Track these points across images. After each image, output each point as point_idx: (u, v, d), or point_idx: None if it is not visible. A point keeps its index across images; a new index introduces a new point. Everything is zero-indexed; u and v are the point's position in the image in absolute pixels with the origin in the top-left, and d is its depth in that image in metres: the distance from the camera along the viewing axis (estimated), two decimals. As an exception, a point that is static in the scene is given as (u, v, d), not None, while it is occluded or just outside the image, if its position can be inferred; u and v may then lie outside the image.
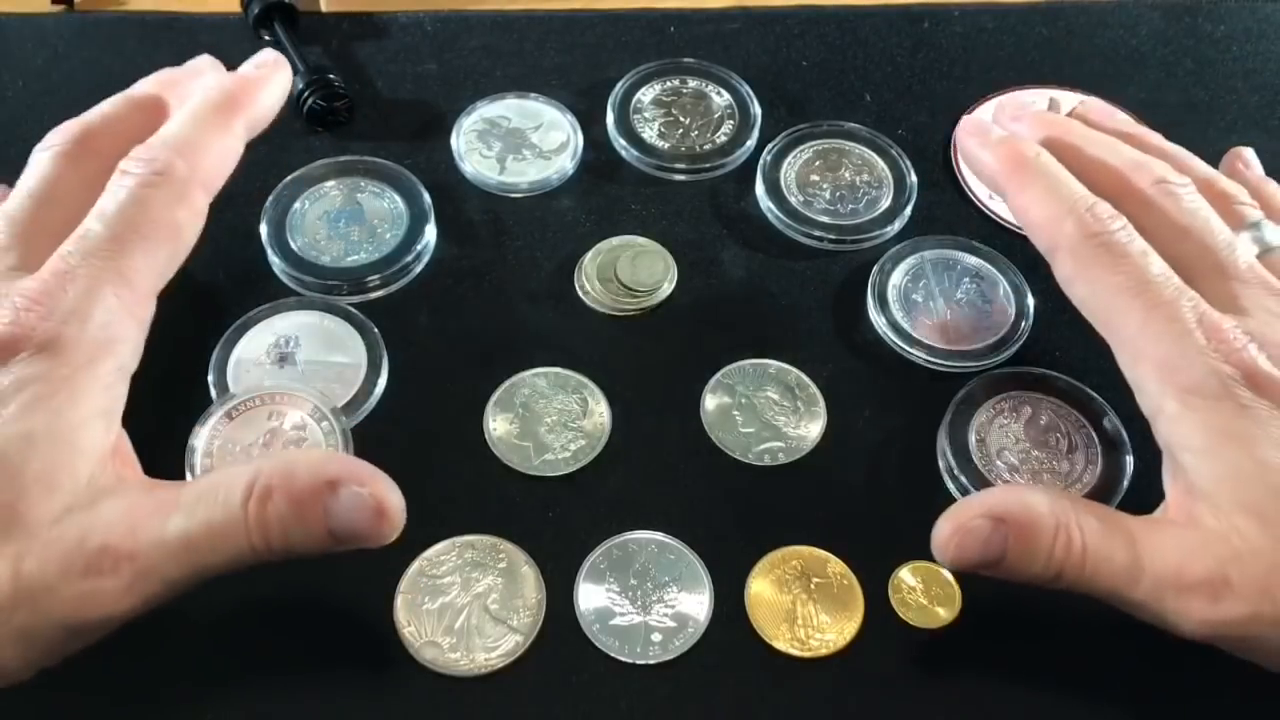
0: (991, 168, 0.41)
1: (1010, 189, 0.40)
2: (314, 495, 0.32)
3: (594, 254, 0.45)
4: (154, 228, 0.35)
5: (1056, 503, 0.34)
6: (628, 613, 0.37)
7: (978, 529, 0.34)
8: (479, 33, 0.53)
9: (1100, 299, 0.36)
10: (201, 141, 0.38)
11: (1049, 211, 0.38)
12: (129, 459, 0.35)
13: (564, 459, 0.40)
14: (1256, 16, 0.56)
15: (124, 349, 0.34)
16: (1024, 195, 0.39)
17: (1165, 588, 0.32)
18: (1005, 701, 0.37)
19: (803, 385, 0.43)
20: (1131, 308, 0.35)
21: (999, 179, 0.40)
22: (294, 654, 0.37)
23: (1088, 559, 0.33)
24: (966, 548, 0.34)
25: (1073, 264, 0.37)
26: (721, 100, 0.51)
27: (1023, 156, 0.40)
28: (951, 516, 0.35)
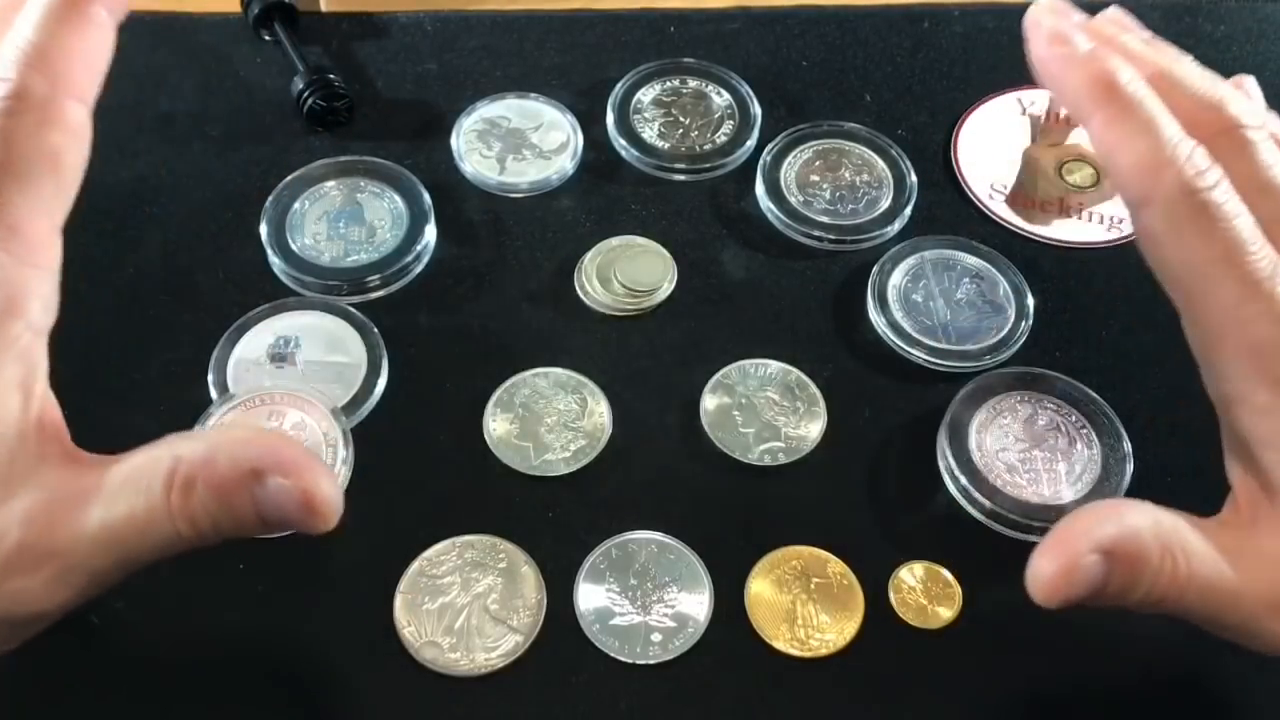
0: (1077, 91, 0.34)
1: (1099, 119, 0.34)
2: (238, 485, 0.29)
3: (594, 254, 0.45)
4: (26, 162, 0.30)
5: (1160, 525, 0.30)
6: (628, 613, 0.37)
7: (1090, 568, 0.29)
8: (479, 33, 0.53)
9: (1190, 266, 0.32)
10: (56, 44, 0.31)
11: (1145, 156, 0.32)
12: (55, 431, 0.31)
13: (564, 459, 0.40)
14: (1256, 16, 0.56)
15: (30, 306, 0.30)
16: (1114, 130, 0.33)
17: (1262, 609, 0.30)
18: (1005, 701, 0.37)
19: (803, 385, 0.43)
20: (1225, 282, 0.31)
21: (1085, 106, 0.34)
22: (294, 654, 0.37)
23: (1191, 585, 0.30)
24: (1077, 588, 0.29)
25: (1165, 222, 0.32)
26: (721, 100, 0.51)
27: (1115, 83, 0.34)
28: (1056, 550, 0.30)
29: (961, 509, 0.40)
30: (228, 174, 0.48)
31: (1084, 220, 0.48)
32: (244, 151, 0.48)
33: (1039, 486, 0.40)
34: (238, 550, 0.38)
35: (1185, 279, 0.32)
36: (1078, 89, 0.34)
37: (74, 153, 0.32)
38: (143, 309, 0.43)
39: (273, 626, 0.37)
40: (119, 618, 0.37)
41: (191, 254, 0.45)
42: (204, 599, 0.37)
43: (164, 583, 0.37)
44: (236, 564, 0.38)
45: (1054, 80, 0.36)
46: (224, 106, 0.50)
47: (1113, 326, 0.45)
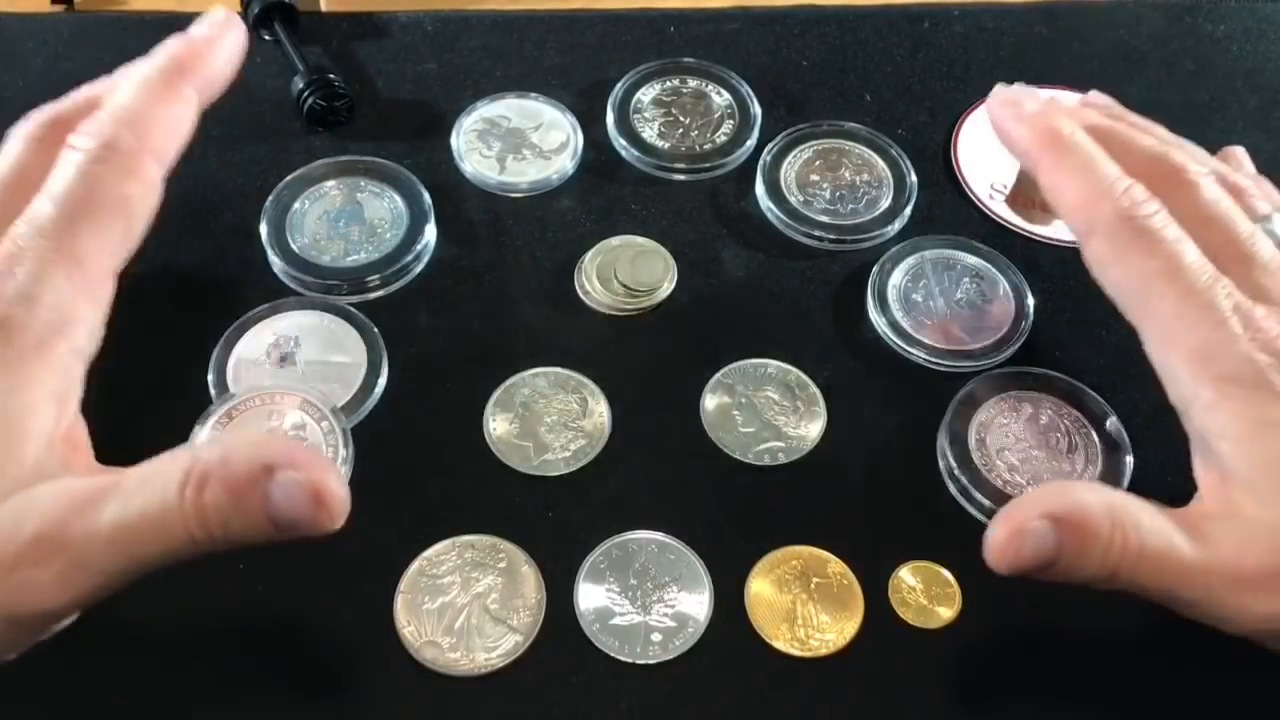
0: (1025, 142, 0.39)
1: (1044, 165, 0.38)
2: (251, 482, 0.30)
3: (594, 254, 0.45)
4: (103, 204, 0.34)
5: (1111, 501, 0.32)
6: (628, 612, 0.37)
7: (1037, 531, 0.32)
8: (479, 33, 0.53)
9: (1134, 284, 0.35)
10: (148, 110, 0.36)
11: (1085, 191, 0.36)
12: (80, 446, 0.33)
13: (564, 459, 0.40)
14: (1256, 16, 0.56)
15: (78, 331, 0.33)
16: (1058, 173, 0.38)
17: (1220, 584, 0.32)
18: (1005, 701, 0.37)
19: (803, 385, 0.43)
20: (1166, 294, 0.34)
21: (1032, 154, 0.39)
22: (294, 653, 0.37)
23: (1143, 559, 0.32)
24: (1024, 552, 0.32)
25: (1108, 247, 0.36)
26: (721, 100, 0.51)
27: (1058, 133, 0.38)
28: (1006, 519, 0.32)
29: (961, 509, 0.40)
30: (228, 174, 0.48)
31: (1084, 220, 0.48)
32: (244, 151, 0.48)
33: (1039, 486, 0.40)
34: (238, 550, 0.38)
35: (1131, 296, 0.36)
36: (1026, 141, 0.39)
37: (144, 204, 0.35)
38: (143, 309, 0.43)
39: (273, 626, 0.37)
40: (119, 618, 0.37)
41: (191, 254, 0.45)
42: (204, 599, 0.37)
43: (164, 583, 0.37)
44: (237, 564, 0.38)
45: (1006, 137, 0.40)
46: (224, 106, 0.49)
47: (1113, 326, 0.45)
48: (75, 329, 0.33)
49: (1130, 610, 0.38)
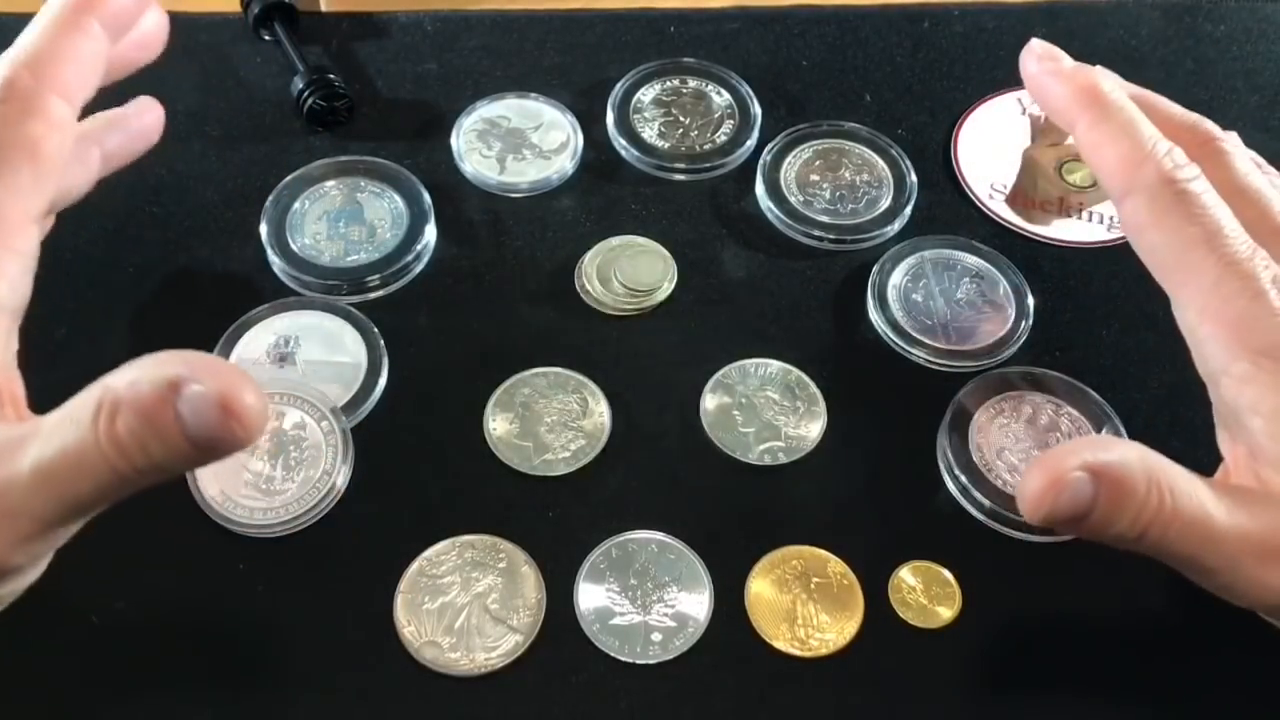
0: (1063, 98, 0.37)
1: (1084, 122, 0.36)
2: (160, 402, 0.27)
3: (594, 254, 0.45)
4: (4, 149, 0.32)
5: (1148, 460, 0.31)
6: (628, 612, 0.37)
7: (1075, 483, 0.30)
8: (479, 32, 0.53)
9: (1172, 249, 0.34)
10: (48, 48, 0.34)
11: (1127, 152, 0.35)
12: (10, 399, 0.32)
13: (564, 459, 0.40)
14: (1256, 16, 0.56)
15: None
16: (1098, 131, 0.36)
17: (1246, 555, 0.31)
18: (1005, 701, 0.37)
19: (803, 385, 0.43)
20: (1205, 262, 0.33)
21: (1071, 111, 0.37)
22: (293, 653, 0.37)
23: (1175, 521, 0.31)
24: (1061, 503, 0.30)
25: (1148, 210, 0.34)
26: (721, 100, 0.51)
27: (1099, 90, 0.37)
28: (1044, 468, 0.31)
29: (961, 509, 0.40)
30: (228, 174, 0.48)
31: (1084, 220, 0.48)
32: (244, 151, 0.48)
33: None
34: (238, 550, 0.38)
35: (1169, 262, 0.34)
36: (1064, 97, 0.37)
37: (53, 144, 0.34)
38: (143, 309, 0.43)
39: (272, 626, 0.37)
40: (119, 617, 0.37)
41: (191, 254, 0.45)
42: (204, 598, 0.37)
43: (163, 582, 0.37)
44: (236, 563, 0.38)
45: (1043, 92, 0.38)
46: (224, 106, 0.50)
47: (1113, 326, 0.45)
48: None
49: (1130, 610, 0.38)
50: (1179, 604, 0.38)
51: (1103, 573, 0.38)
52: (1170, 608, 0.38)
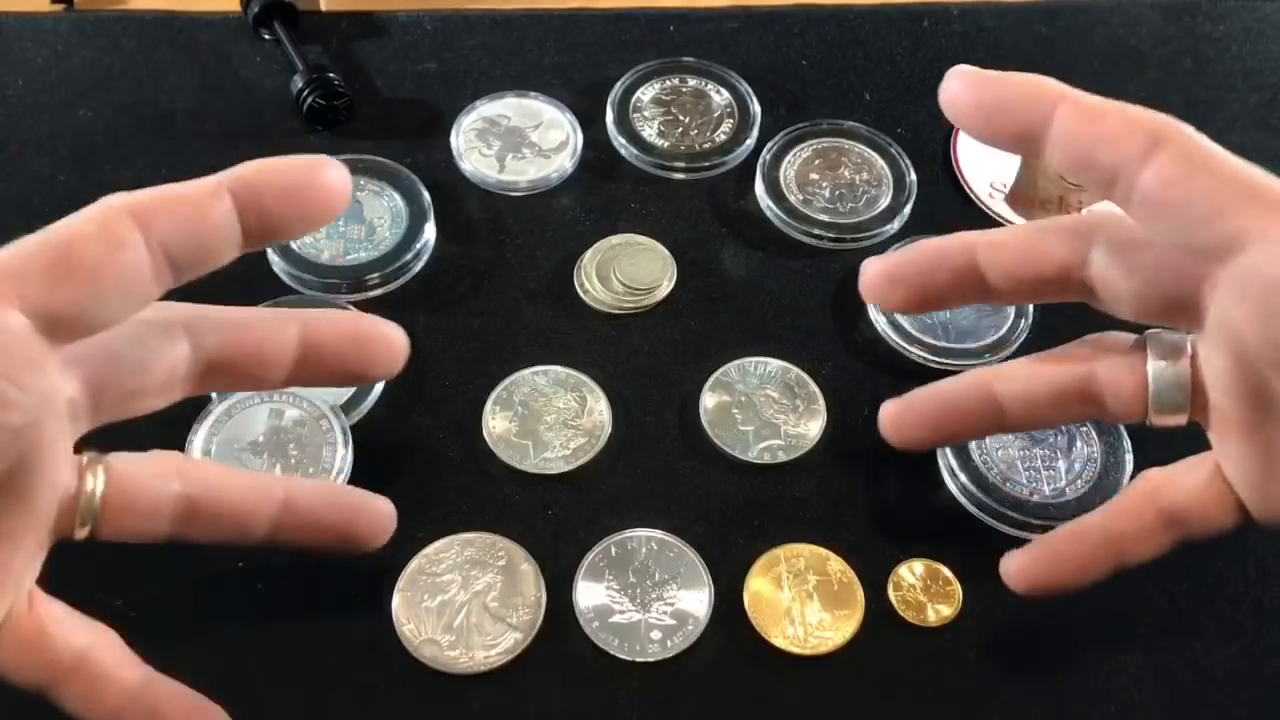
0: (1024, 94, 0.32)
1: (1067, 104, 0.32)
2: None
3: (593, 252, 0.45)
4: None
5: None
6: (627, 610, 0.37)
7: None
8: (479, 31, 0.53)
9: (1232, 186, 0.30)
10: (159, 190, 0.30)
11: (1132, 112, 0.31)
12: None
13: (563, 457, 0.40)
14: (1256, 16, 0.56)
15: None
16: (1090, 105, 0.32)
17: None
18: (1005, 700, 0.37)
19: (802, 383, 0.43)
20: (1263, 199, 0.30)
21: (1044, 101, 0.32)
22: (293, 652, 0.37)
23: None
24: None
25: (1186, 156, 0.30)
26: (721, 99, 0.51)
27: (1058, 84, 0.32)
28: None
29: (961, 507, 0.40)
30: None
31: (1084, 219, 0.48)
32: (244, 150, 0.48)
33: (1039, 485, 0.40)
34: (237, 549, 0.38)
35: (1230, 199, 0.30)
36: (1023, 89, 0.32)
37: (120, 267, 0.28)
38: (142, 307, 0.43)
39: (272, 625, 0.37)
40: (119, 617, 0.37)
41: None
42: (203, 597, 0.37)
43: (163, 582, 0.37)
44: (235, 562, 0.38)
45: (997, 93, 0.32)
46: (224, 106, 0.50)
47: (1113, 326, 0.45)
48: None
49: (1130, 609, 0.38)
50: (1179, 603, 0.38)
51: (1102, 571, 0.38)
52: (1170, 607, 0.38)
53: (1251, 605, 0.38)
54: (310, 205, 0.31)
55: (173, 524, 0.32)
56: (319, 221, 0.31)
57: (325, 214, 0.31)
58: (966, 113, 0.33)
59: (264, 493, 0.33)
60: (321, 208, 0.31)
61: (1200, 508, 0.33)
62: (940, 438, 0.37)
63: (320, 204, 0.31)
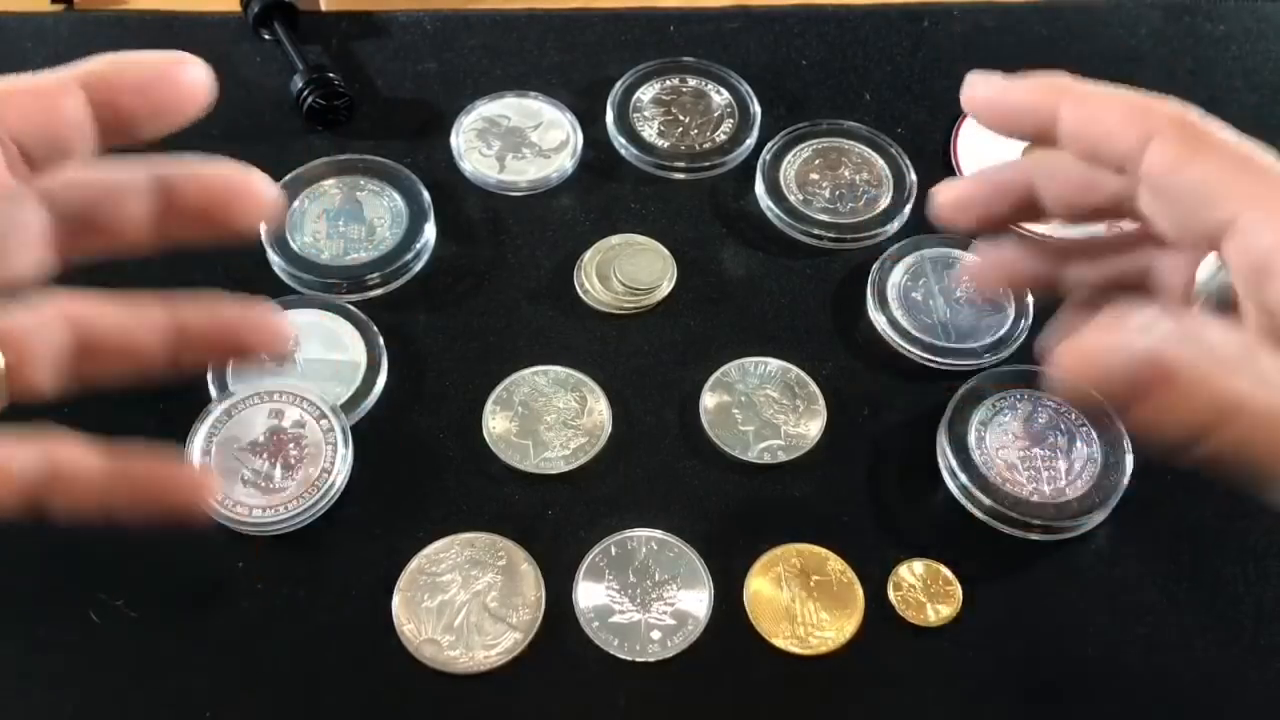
0: (1032, 93, 0.34)
1: (1067, 104, 0.33)
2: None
3: (593, 252, 0.45)
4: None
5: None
6: (627, 610, 0.37)
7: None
8: (479, 32, 0.53)
9: (1224, 174, 0.31)
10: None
11: (1127, 107, 0.32)
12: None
13: (563, 457, 0.40)
14: (1256, 16, 0.56)
15: None
16: (1088, 105, 0.33)
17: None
18: (1005, 700, 0.37)
19: (802, 383, 0.43)
20: (1271, 171, 0.31)
21: (1044, 103, 0.33)
22: (292, 652, 0.37)
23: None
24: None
25: (1178, 146, 0.31)
26: (721, 99, 0.51)
27: (1061, 79, 0.34)
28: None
29: (961, 507, 0.40)
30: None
31: (1084, 219, 0.48)
32: (244, 150, 0.48)
33: (1039, 484, 0.40)
34: (237, 548, 0.38)
35: (1222, 189, 0.31)
36: (1030, 93, 0.34)
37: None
38: (142, 307, 0.43)
39: (272, 624, 0.37)
40: (119, 617, 0.37)
41: (191, 253, 0.45)
42: (203, 597, 0.37)
43: (163, 581, 0.37)
44: (236, 561, 0.38)
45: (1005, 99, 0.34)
46: (224, 106, 0.49)
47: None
48: None
49: (1129, 608, 0.38)
50: (1179, 603, 0.38)
51: (1102, 571, 0.38)
52: (1170, 607, 0.38)
53: (1252, 605, 0.38)
54: (166, 101, 0.30)
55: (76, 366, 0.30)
56: (174, 119, 0.30)
57: (182, 111, 0.30)
58: (985, 118, 0.35)
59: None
60: (178, 104, 0.30)
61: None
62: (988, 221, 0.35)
63: (176, 100, 0.30)
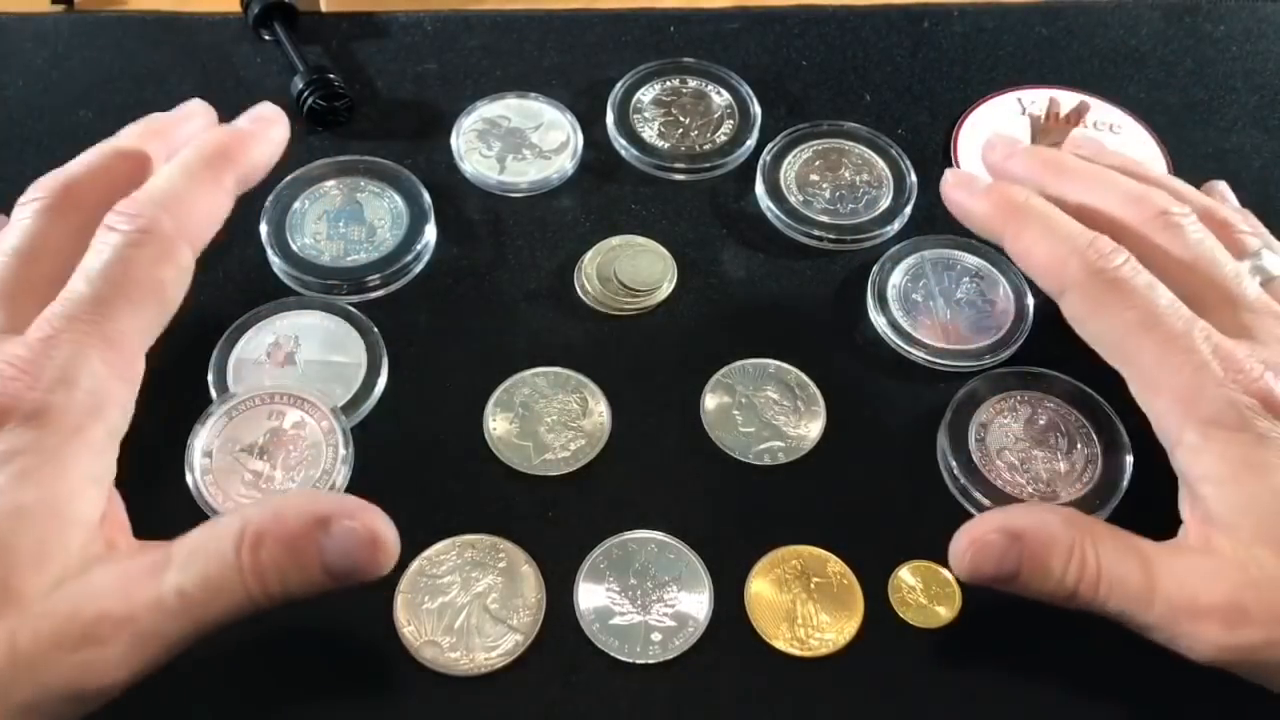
0: (984, 216, 0.40)
1: (1008, 235, 0.39)
2: (306, 535, 0.31)
3: (594, 254, 0.45)
4: (139, 287, 0.35)
5: (1073, 523, 0.34)
6: (628, 612, 0.37)
7: (993, 544, 0.34)
8: (479, 32, 0.53)
9: (1113, 335, 0.36)
10: (189, 196, 0.37)
11: (1051, 252, 0.38)
12: (121, 524, 0.34)
13: (564, 458, 0.40)
14: (1256, 16, 0.56)
15: (113, 413, 0.34)
16: (1023, 239, 0.39)
17: (1179, 612, 0.32)
18: (1005, 701, 0.37)
19: (803, 385, 0.43)
20: (1145, 342, 0.35)
21: (994, 226, 0.40)
22: (293, 653, 0.37)
23: (1101, 580, 0.33)
24: (981, 561, 0.34)
25: (1082, 303, 0.37)
26: (721, 100, 0.51)
27: (1015, 201, 0.39)
28: (968, 530, 0.35)
29: (961, 509, 0.40)
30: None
31: (1084, 220, 0.48)
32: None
33: (1039, 486, 0.40)
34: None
35: (1112, 347, 0.36)
36: (985, 216, 0.40)
37: (177, 287, 0.36)
38: (143, 309, 0.43)
39: (272, 625, 0.37)
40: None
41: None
42: (204, 598, 0.37)
43: (164, 582, 0.37)
44: (236, 563, 0.38)
45: (967, 215, 0.42)
46: (224, 106, 0.50)
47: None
48: (111, 411, 0.33)
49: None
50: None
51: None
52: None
53: (1251, 607, 0.38)
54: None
55: None
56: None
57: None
58: (956, 215, 0.43)
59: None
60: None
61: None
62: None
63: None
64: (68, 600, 0.30)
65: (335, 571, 0.32)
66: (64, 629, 0.30)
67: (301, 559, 0.31)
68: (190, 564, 0.31)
